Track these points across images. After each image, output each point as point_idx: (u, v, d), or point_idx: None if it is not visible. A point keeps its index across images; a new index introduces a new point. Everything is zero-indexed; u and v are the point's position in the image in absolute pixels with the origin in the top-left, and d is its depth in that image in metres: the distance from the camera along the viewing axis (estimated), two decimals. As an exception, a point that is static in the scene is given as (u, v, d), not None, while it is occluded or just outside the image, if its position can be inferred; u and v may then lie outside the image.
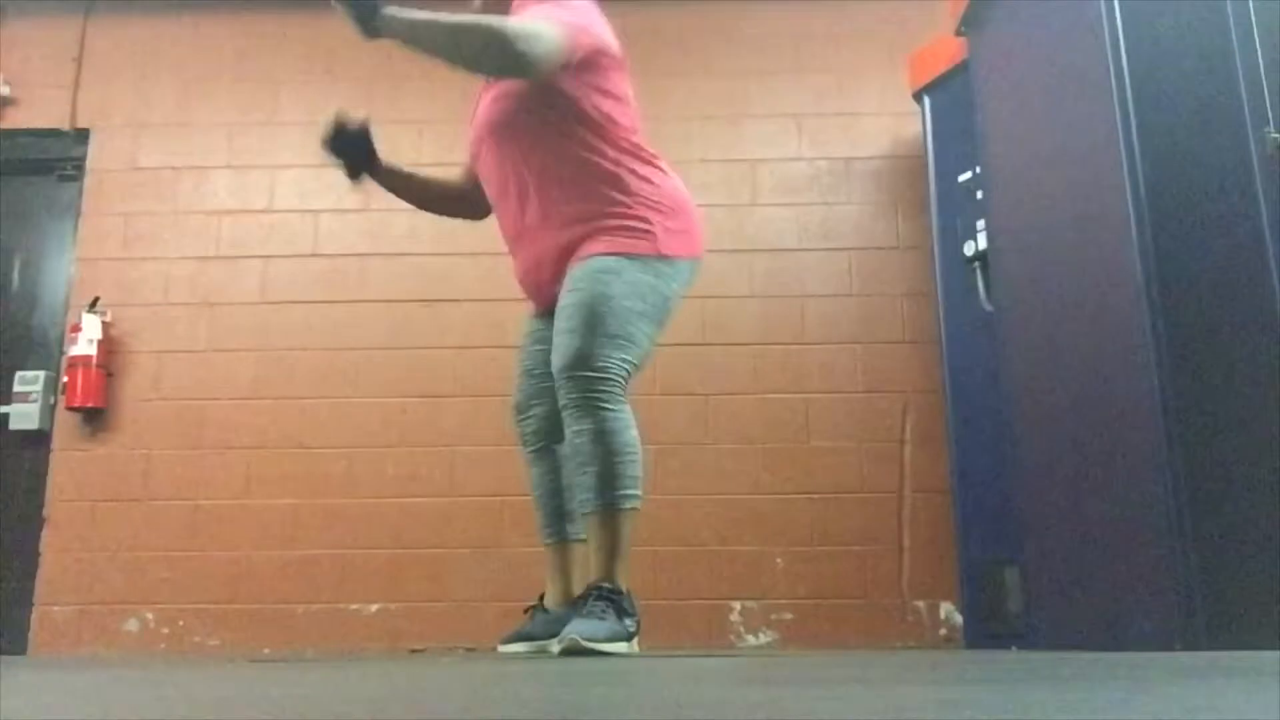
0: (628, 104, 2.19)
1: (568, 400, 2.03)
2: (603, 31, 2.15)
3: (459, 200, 2.44)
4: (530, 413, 2.29)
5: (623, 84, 2.19)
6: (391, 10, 1.98)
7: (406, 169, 2.39)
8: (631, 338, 2.05)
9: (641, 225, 2.11)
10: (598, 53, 2.12)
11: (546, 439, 2.27)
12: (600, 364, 2.01)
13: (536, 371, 2.28)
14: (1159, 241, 2.16)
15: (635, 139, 2.18)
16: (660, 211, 2.14)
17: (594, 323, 2.03)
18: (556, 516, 2.25)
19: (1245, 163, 2.15)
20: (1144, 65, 2.26)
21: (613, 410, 2.01)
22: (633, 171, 2.14)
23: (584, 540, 2.16)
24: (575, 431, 2.02)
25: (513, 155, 2.17)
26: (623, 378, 2.04)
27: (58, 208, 3.91)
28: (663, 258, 2.12)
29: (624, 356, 2.04)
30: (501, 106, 2.17)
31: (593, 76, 2.12)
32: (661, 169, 2.20)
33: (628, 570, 2.03)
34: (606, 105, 2.14)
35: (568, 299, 2.08)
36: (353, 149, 2.27)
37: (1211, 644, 1.95)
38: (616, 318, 2.04)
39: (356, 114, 2.26)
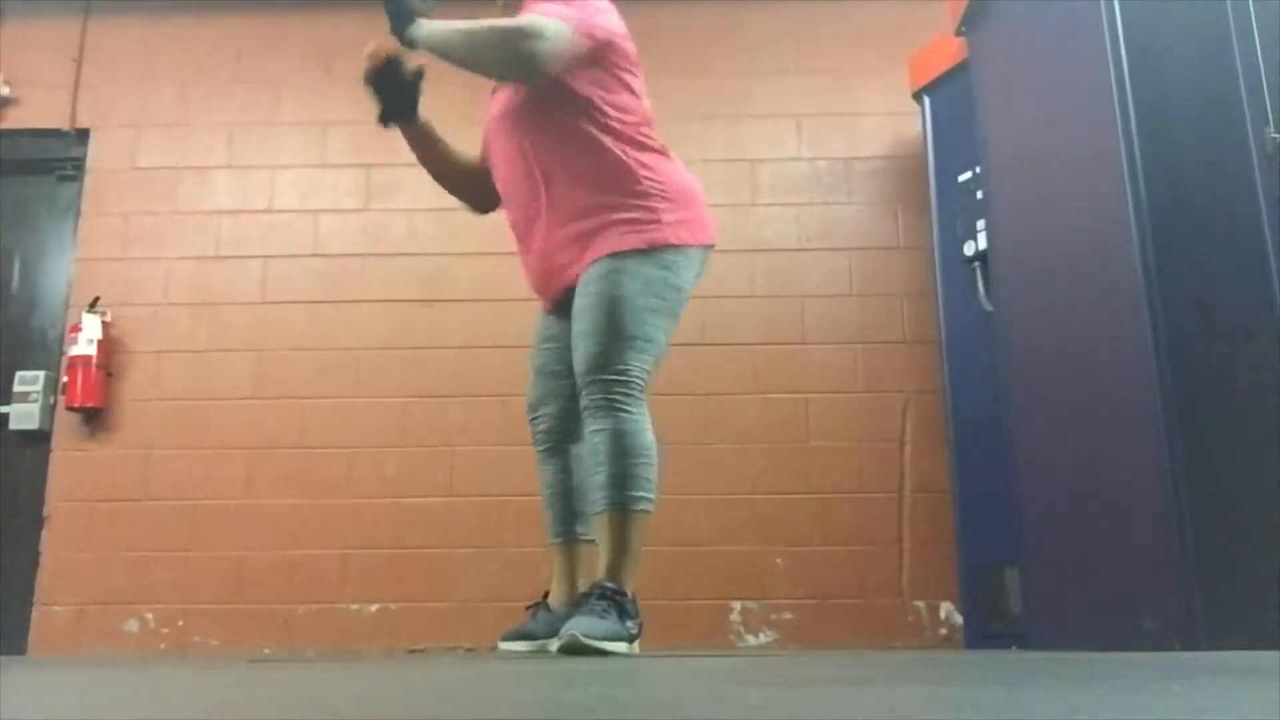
0: (637, 95, 2.21)
1: (589, 402, 2.06)
2: (612, 24, 2.17)
3: (473, 182, 2.41)
4: (541, 412, 2.29)
5: (632, 76, 2.20)
6: (420, 25, 2.08)
7: (437, 134, 2.35)
8: (649, 337, 2.08)
9: (648, 216, 2.12)
10: (606, 45, 2.14)
11: (558, 439, 2.27)
12: (620, 367, 2.04)
13: (548, 370, 2.29)
14: (1159, 241, 2.16)
15: (644, 130, 2.20)
16: (667, 200, 2.15)
17: (612, 326, 2.05)
18: (566, 517, 2.24)
19: (1245, 163, 2.15)
20: (1144, 65, 2.26)
21: (631, 412, 2.04)
22: (640, 162, 2.15)
23: (591, 541, 2.16)
24: (593, 431, 2.05)
25: (522, 146, 2.19)
26: (642, 379, 2.08)
27: (58, 208, 3.91)
28: (672, 247, 2.13)
29: (643, 357, 2.08)
30: (513, 98, 2.20)
31: (600, 69, 2.14)
32: (668, 158, 2.22)
33: (635, 574, 2.03)
34: (614, 97, 2.16)
35: (583, 302, 2.10)
36: (397, 92, 2.20)
37: (1211, 644, 1.95)
38: (633, 319, 2.06)
39: (411, 61, 2.21)
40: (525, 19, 2.06)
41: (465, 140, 2.44)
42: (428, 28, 2.09)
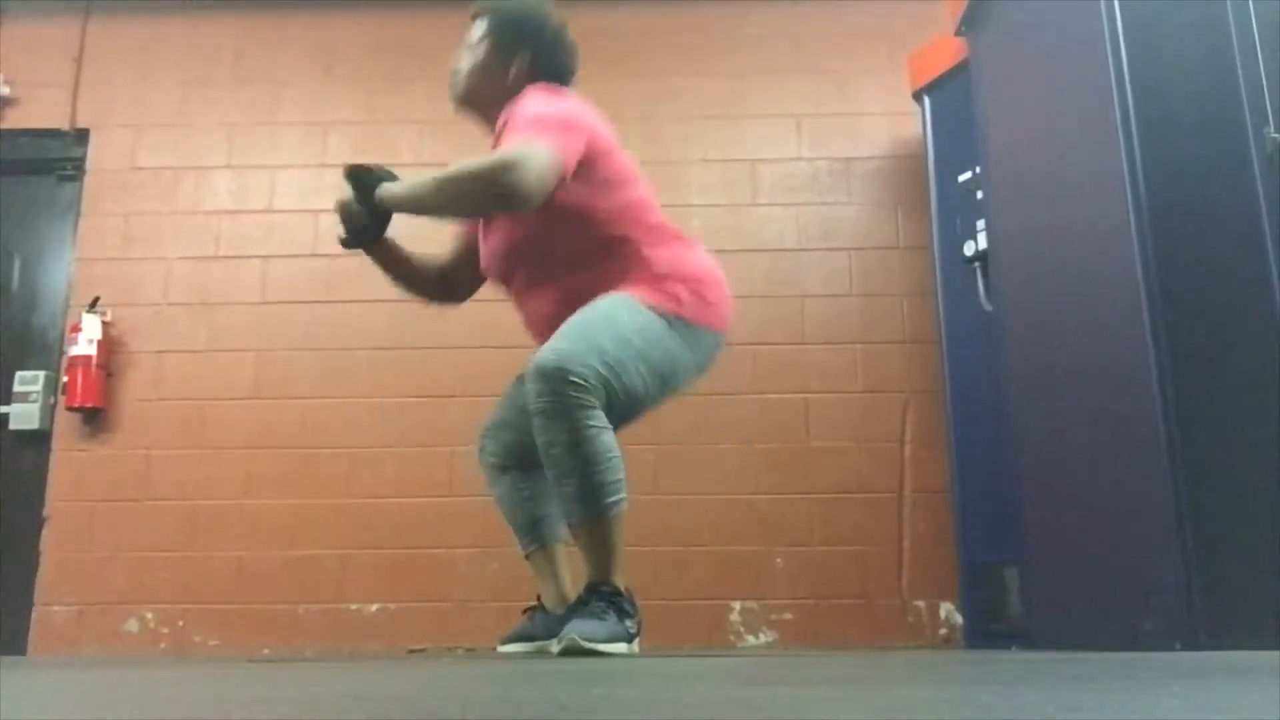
0: (633, 183, 2.10)
1: (539, 405, 1.89)
2: (588, 121, 2.05)
3: (439, 284, 2.38)
4: (492, 435, 2.28)
5: (622, 166, 2.09)
6: (385, 189, 2.04)
7: (403, 248, 2.32)
8: (622, 366, 1.93)
9: (664, 285, 2.03)
10: (588, 148, 2.02)
11: (502, 461, 2.26)
12: (579, 369, 1.87)
13: (518, 403, 2.23)
14: (1159, 241, 2.16)
15: (650, 218, 2.09)
16: (684, 280, 2.06)
17: (586, 332, 1.93)
18: (529, 527, 2.23)
19: (1245, 163, 2.15)
20: (1144, 65, 2.26)
21: (584, 414, 1.88)
22: (652, 249, 2.07)
23: (563, 540, 2.16)
24: (547, 443, 1.90)
25: (526, 267, 2.12)
26: (600, 389, 1.90)
27: (58, 208, 3.91)
28: (683, 320, 2.02)
29: (606, 376, 1.90)
30: (505, 233, 2.11)
31: (588, 174, 2.03)
32: (684, 243, 2.13)
33: (624, 568, 2.02)
34: (609, 198, 2.06)
35: (571, 317, 2.01)
36: (369, 215, 2.15)
37: (1211, 644, 1.95)
38: (613, 340, 1.93)
39: (381, 166, 2.17)
40: (500, 152, 1.93)
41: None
42: (392, 192, 2.02)
